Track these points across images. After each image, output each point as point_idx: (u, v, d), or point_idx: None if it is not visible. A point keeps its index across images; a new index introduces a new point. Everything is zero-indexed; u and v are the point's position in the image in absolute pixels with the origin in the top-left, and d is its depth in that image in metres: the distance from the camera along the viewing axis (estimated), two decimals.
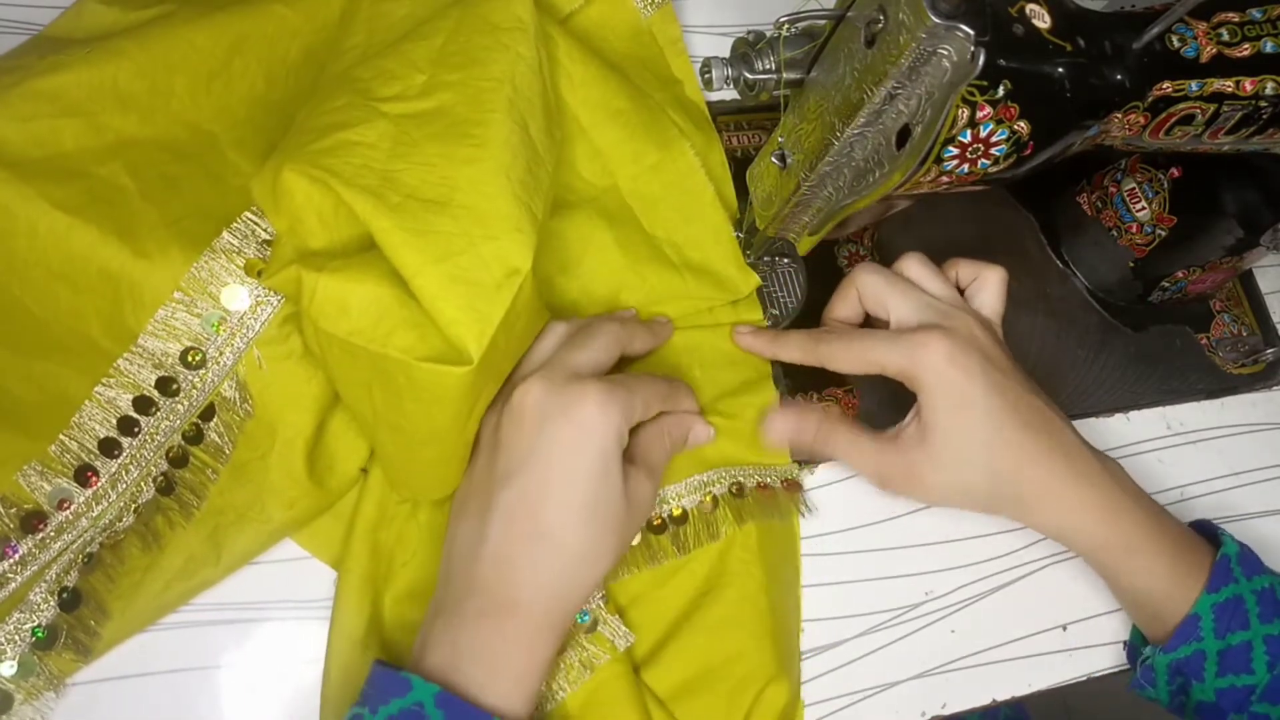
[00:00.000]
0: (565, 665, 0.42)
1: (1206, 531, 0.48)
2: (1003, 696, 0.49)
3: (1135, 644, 0.49)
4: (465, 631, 0.38)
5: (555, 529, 0.39)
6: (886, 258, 0.56)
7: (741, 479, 0.48)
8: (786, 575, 0.48)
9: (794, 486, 0.49)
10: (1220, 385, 0.58)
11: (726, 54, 0.43)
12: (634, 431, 0.42)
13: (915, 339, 0.44)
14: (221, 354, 0.42)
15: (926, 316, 0.45)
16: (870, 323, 0.49)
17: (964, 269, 0.49)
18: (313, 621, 0.43)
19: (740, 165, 0.53)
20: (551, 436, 0.39)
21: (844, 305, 0.49)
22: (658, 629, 0.45)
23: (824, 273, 0.54)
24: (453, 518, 0.42)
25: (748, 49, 0.42)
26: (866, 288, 0.47)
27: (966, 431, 0.44)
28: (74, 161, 0.40)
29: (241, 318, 0.42)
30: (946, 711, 0.48)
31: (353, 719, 0.36)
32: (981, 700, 0.49)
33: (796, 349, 0.48)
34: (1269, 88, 0.41)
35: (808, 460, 0.50)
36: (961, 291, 0.49)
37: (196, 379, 0.41)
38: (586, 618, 0.43)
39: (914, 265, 0.48)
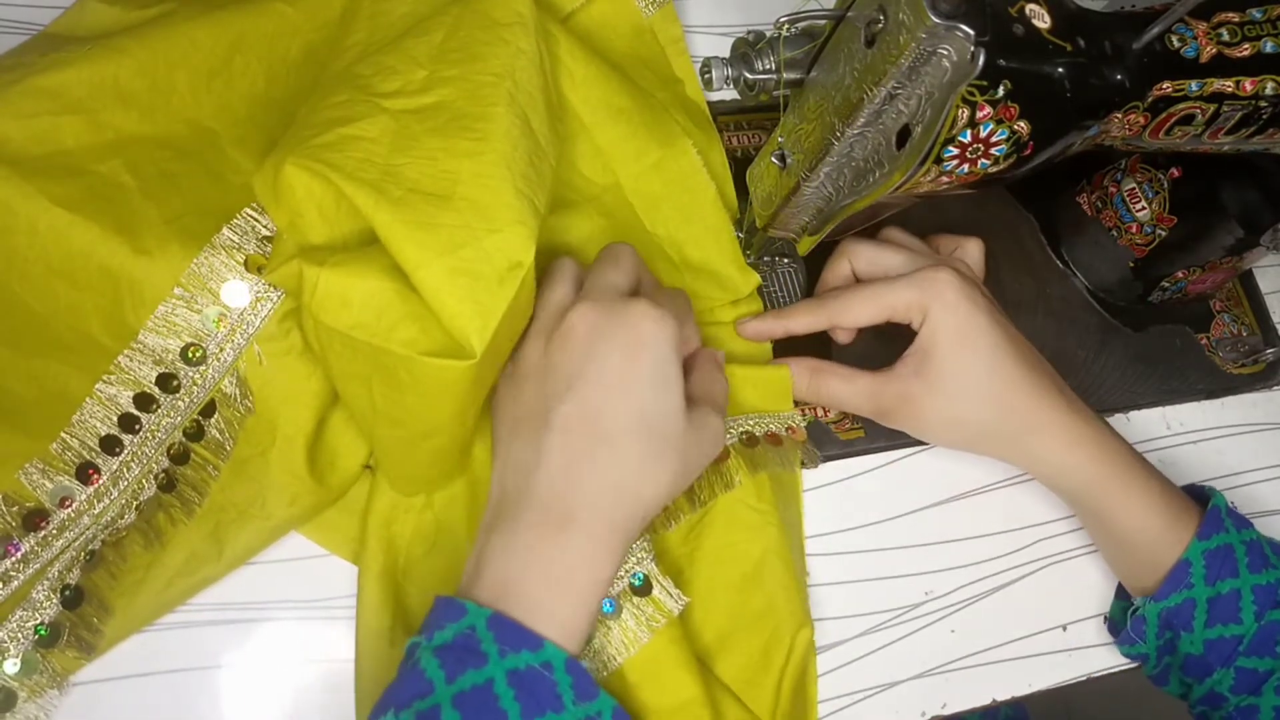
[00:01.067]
0: (621, 629, 0.41)
1: (1195, 491, 0.49)
2: (1003, 696, 0.49)
3: (1115, 618, 0.50)
4: (520, 545, 0.37)
5: (614, 436, 0.38)
6: None
7: (749, 428, 0.48)
8: (792, 518, 0.49)
9: (796, 433, 0.50)
10: (1220, 385, 0.58)
11: (726, 54, 0.43)
12: (686, 374, 0.41)
13: (924, 273, 0.46)
14: (222, 350, 0.42)
15: (927, 262, 0.47)
16: None
17: (944, 242, 0.52)
18: (313, 621, 0.43)
19: (740, 165, 0.53)
20: (607, 348, 0.38)
21: (836, 277, 0.50)
22: (686, 588, 0.45)
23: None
24: (501, 443, 0.41)
25: (748, 49, 0.42)
26: (860, 254, 0.49)
27: (969, 361, 0.45)
28: (74, 159, 0.40)
29: (242, 314, 0.42)
30: (946, 711, 0.48)
31: (410, 648, 0.36)
32: (981, 700, 0.49)
33: (805, 315, 0.49)
34: (1269, 88, 0.41)
35: (811, 460, 0.51)
36: None
37: (197, 375, 0.42)
38: (640, 579, 0.42)
39: (896, 232, 0.51)
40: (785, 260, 0.54)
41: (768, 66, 0.42)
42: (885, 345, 0.48)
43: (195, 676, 0.42)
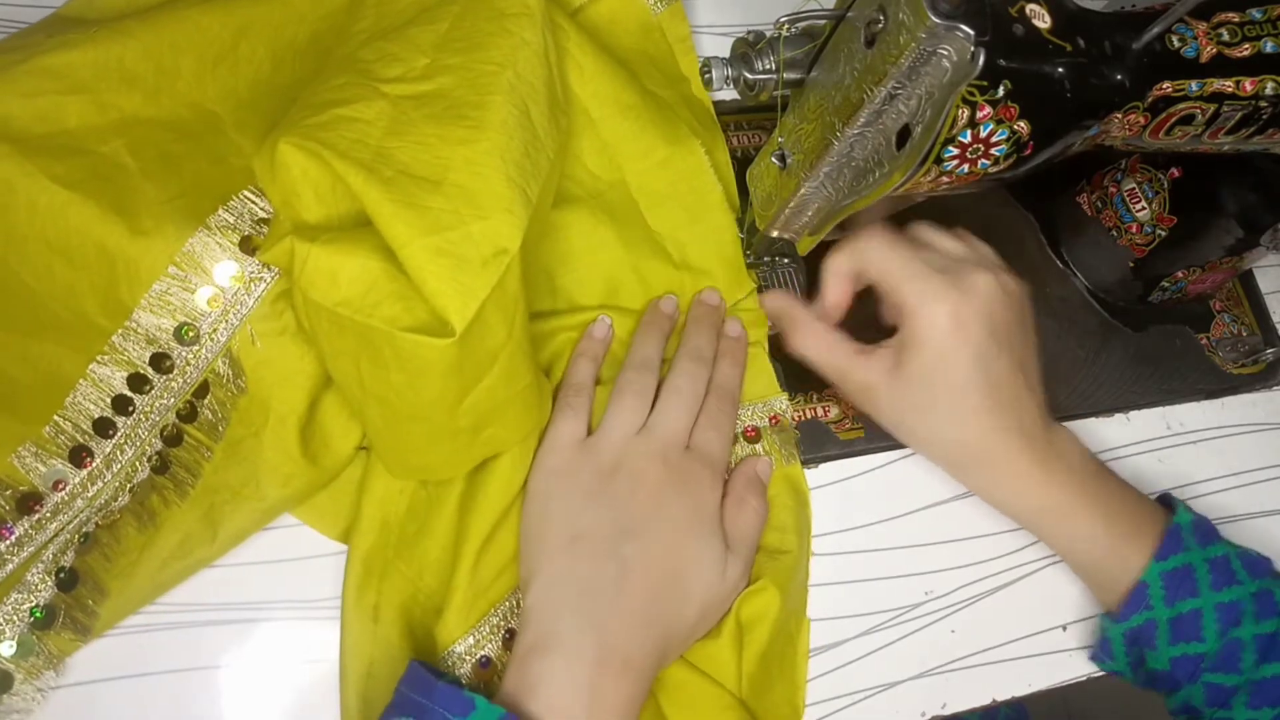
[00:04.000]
0: None
1: (1166, 504, 0.49)
2: (1003, 696, 0.49)
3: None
4: (580, 679, 0.38)
5: (666, 587, 0.41)
6: None
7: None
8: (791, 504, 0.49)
9: (780, 425, 0.50)
10: (1220, 385, 0.58)
11: (726, 54, 0.43)
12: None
13: (931, 288, 0.43)
14: (215, 330, 0.42)
15: (941, 267, 0.45)
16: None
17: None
18: (313, 621, 0.43)
19: (740, 165, 0.53)
20: (670, 506, 0.43)
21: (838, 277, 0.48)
22: None
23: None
24: (550, 554, 0.42)
25: (748, 49, 0.42)
26: (872, 261, 0.46)
27: (935, 392, 0.44)
28: (76, 139, 0.41)
29: (235, 294, 0.42)
30: (946, 711, 0.48)
31: None
32: (981, 700, 0.49)
33: (845, 259, 0.47)
34: (1269, 88, 0.41)
35: (810, 459, 0.51)
36: None
37: (190, 355, 0.42)
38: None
39: (922, 227, 0.48)
40: (785, 260, 0.54)
41: (768, 66, 0.42)
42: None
43: (195, 676, 0.42)
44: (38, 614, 0.39)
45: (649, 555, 0.41)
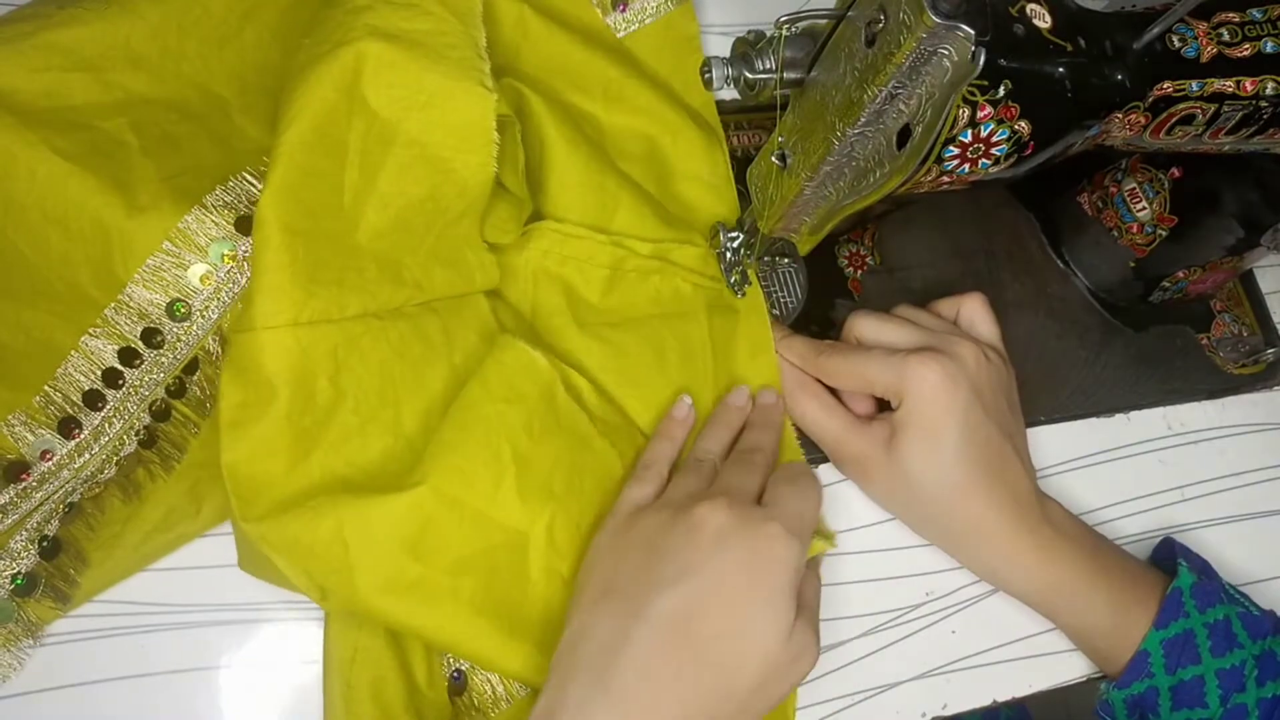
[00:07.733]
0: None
1: (1166, 559, 0.48)
2: (1003, 697, 0.49)
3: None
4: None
5: (709, 650, 0.36)
6: (887, 257, 0.56)
7: None
8: None
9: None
10: (1221, 385, 0.58)
11: (727, 54, 0.43)
12: None
13: (909, 359, 0.44)
14: (207, 307, 0.42)
15: (925, 340, 0.46)
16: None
17: (943, 306, 0.50)
18: (313, 622, 0.43)
19: (740, 165, 0.53)
20: (727, 557, 0.37)
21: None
22: None
23: (824, 273, 0.54)
24: (581, 610, 0.39)
25: (748, 49, 0.42)
26: (864, 327, 0.48)
27: (926, 462, 0.44)
28: (80, 114, 0.41)
29: (228, 272, 0.42)
30: (947, 712, 0.48)
31: None
32: (982, 701, 0.49)
33: (798, 354, 0.49)
34: (1269, 88, 0.41)
35: (810, 459, 0.50)
36: None
37: (181, 331, 0.42)
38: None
39: (906, 308, 0.49)
40: (785, 260, 0.54)
41: (768, 66, 0.41)
42: None
43: (195, 676, 0.42)
44: (19, 581, 0.40)
45: (688, 610, 0.37)
